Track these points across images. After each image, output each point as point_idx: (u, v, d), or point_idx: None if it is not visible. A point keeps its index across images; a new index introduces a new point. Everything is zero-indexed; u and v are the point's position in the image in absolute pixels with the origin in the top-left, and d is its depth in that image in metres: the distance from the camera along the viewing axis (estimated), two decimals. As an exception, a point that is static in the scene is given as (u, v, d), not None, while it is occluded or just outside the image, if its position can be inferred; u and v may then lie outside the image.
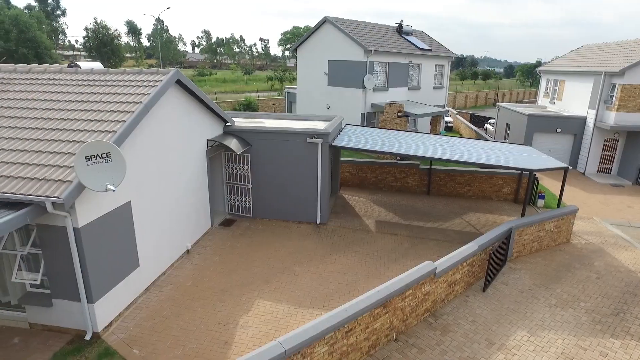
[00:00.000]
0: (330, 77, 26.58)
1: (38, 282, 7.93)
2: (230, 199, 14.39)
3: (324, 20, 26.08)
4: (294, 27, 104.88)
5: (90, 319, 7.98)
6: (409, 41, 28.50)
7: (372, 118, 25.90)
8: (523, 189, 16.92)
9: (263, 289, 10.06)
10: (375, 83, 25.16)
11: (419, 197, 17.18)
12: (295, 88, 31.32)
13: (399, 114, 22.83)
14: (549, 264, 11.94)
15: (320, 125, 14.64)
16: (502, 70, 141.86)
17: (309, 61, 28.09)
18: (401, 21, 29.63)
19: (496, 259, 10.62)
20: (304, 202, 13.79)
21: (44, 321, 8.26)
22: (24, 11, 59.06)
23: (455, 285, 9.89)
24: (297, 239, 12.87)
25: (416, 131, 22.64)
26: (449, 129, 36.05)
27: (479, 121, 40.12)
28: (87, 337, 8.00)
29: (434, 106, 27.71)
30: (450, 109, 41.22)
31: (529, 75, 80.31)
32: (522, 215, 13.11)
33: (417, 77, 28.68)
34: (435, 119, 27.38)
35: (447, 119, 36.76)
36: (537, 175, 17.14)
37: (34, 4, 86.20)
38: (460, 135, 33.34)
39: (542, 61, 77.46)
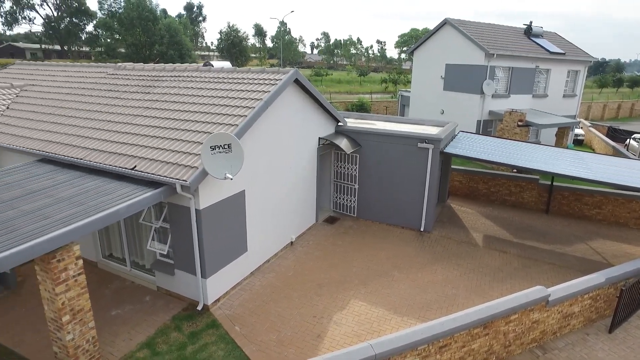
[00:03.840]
0: (446, 81, 25.57)
1: (165, 253, 9.11)
2: (336, 197, 14.74)
3: (444, 22, 25.19)
4: (412, 30, 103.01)
5: (202, 292, 8.87)
6: (537, 44, 26.03)
7: (488, 126, 24.27)
8: (672, 218, 14.31)
9: (359, 289, 10.12)
10: (495, 89, 23.54)
11: (536, 215, 15.62)
12: (409, 91, 30.79)
13: (520, 123, 21.02)
14: (703, 313, 9.91)
15: (432, 131, 14.18)
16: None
17: (425, 64, 27.39)
18: (530, 22, 27.22)
19: (630, 298, 9.11)
20: (409, 207, 13.50)
21: (168, 287, 9.42)
22: (175, 19, 68.30)
23: (572, 318, 8.79)
24: (398, 244, 12.67)
25: (538, 143, 20.64)
26: (579, 143, 32.04)
27: (619, 136, 34.74)
28: (199, 308, 8.91)
29: (562, 116, 24.91)
30: (582, 120, 36.62)
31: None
32: (668, 249, 11.11)
33: (544, 84, 26.08)
34: (563, 130, 24.61)
35: (578, 131, 32.73)
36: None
37: (182, 12, 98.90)
38: (593, 151, 29.46)
39: None
